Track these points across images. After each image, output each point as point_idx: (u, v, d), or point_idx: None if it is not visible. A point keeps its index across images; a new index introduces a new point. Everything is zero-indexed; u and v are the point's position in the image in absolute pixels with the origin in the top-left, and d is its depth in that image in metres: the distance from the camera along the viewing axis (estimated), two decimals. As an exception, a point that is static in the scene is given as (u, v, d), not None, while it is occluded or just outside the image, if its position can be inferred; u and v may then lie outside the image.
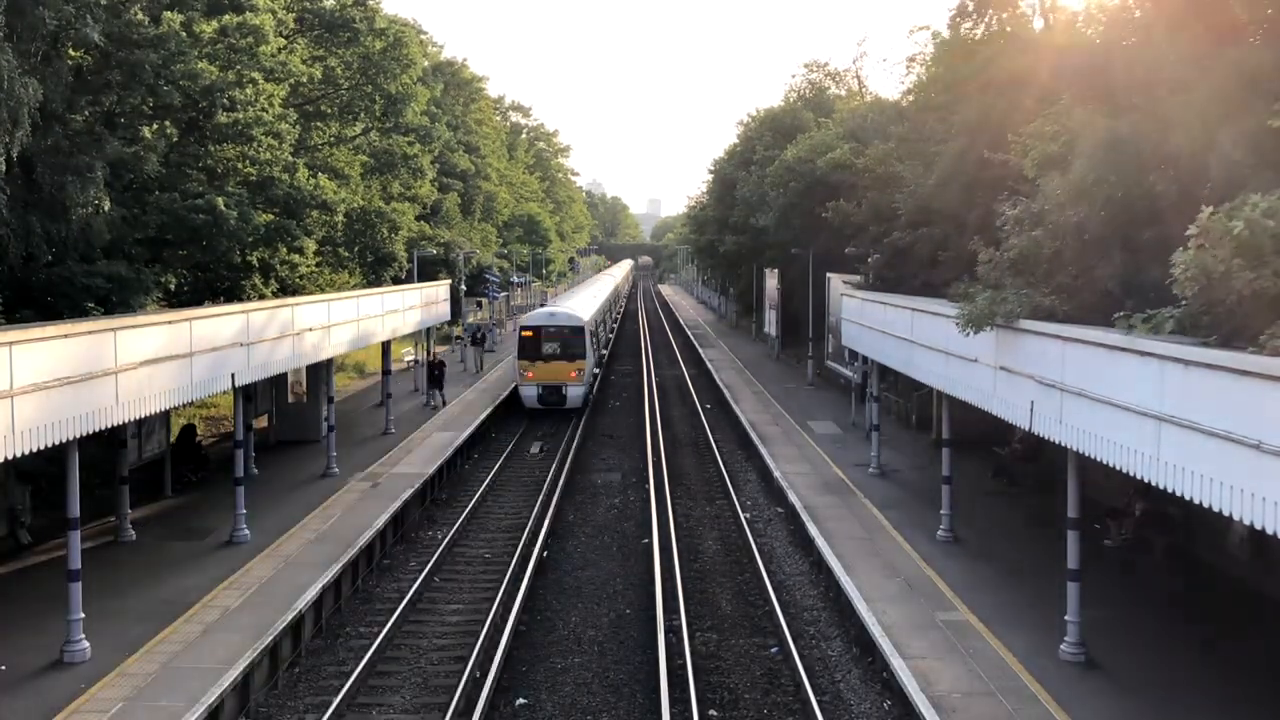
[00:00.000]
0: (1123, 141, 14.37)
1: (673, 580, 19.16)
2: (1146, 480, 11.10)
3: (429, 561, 20.38)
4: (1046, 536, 18.77)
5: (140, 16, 23.36)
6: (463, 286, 49.92)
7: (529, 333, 37.63)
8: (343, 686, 14.52)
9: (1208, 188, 12.49)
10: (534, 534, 22.32)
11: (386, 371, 32.47)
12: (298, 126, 32.50)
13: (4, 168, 17.77)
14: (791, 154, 42.78)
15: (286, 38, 32.00)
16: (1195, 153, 13.21)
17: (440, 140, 51.73)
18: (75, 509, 14.48)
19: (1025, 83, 21.00)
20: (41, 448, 12.88)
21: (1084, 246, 15.17)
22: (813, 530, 20.97)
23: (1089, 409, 12.49)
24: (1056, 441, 13.60)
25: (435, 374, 36.91)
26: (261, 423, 29.49)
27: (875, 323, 24.01)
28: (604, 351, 52.54)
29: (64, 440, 13.41)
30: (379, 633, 16.60)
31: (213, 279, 29.67)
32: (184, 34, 24.32)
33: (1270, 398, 8.97)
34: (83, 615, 14.49)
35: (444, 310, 38.07)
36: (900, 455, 28.13)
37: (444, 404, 36.45)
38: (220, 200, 25.22)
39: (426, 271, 46.60)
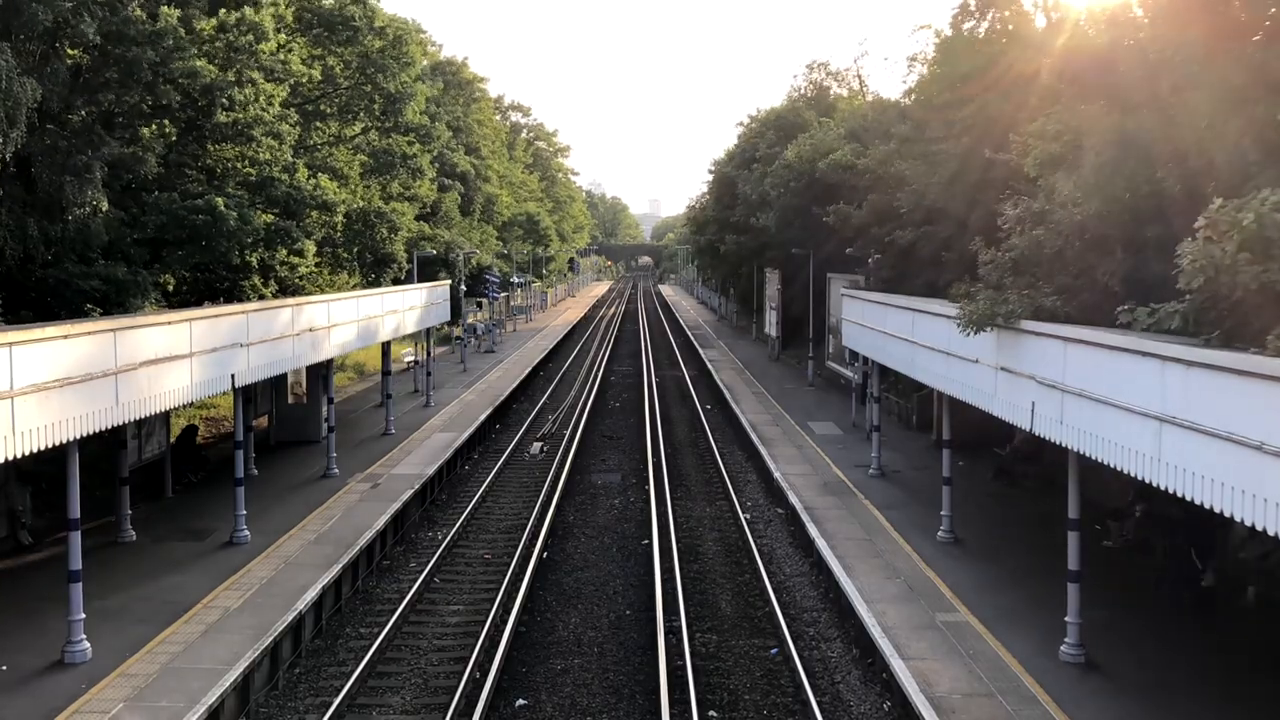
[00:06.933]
0: (1131, 138, 14.34)
1: (673, 581, 19.12)
2: (1148, 481, 11.07)
3: (429, 562, 20.35)
4: (1047, 537, 18.71)
5: (138, 13, 23.30)
6: (462, 287, 49.81)
7: None
8: (343, 687, 14.49)
9: (1214, 185, 12.46)
10: (534, 535, 22.30)
11: (386, 372, 32.46)
12: (297, 127, 32.44)
13: (1, 168, 17.77)
14: (793, 153, 42.70)
15: (286, 37, 31.94)
16: (1202, 149, 13.18)
17: (440, 140, 51.58)
18: (76, 510, 14.45)
19: (1028, 82, 20.98)
20: (42, 448, 12.85)
21: (1086, 245, 15.14)
22: (813, 531, 20.94)
23: (1090, 409, 12.46)
24: (1057, 442, 13.57)
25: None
26: (261, 423, 29.47)
27: (876, 323, 23.96)
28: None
29: (64, 441, 13.39)
30: (379, 633, 16.58)
31: (212, 280, 29.61)
32: (182, 30, 24.19)
33: (1272, 398, 8.94)
34: (83, 616, 14.48)
35: (444, 310, 38.02)
36: (901, 456, 28.09)
37: None
38: (220, 200, 25.16)
39: (426, 272, 46.54)
